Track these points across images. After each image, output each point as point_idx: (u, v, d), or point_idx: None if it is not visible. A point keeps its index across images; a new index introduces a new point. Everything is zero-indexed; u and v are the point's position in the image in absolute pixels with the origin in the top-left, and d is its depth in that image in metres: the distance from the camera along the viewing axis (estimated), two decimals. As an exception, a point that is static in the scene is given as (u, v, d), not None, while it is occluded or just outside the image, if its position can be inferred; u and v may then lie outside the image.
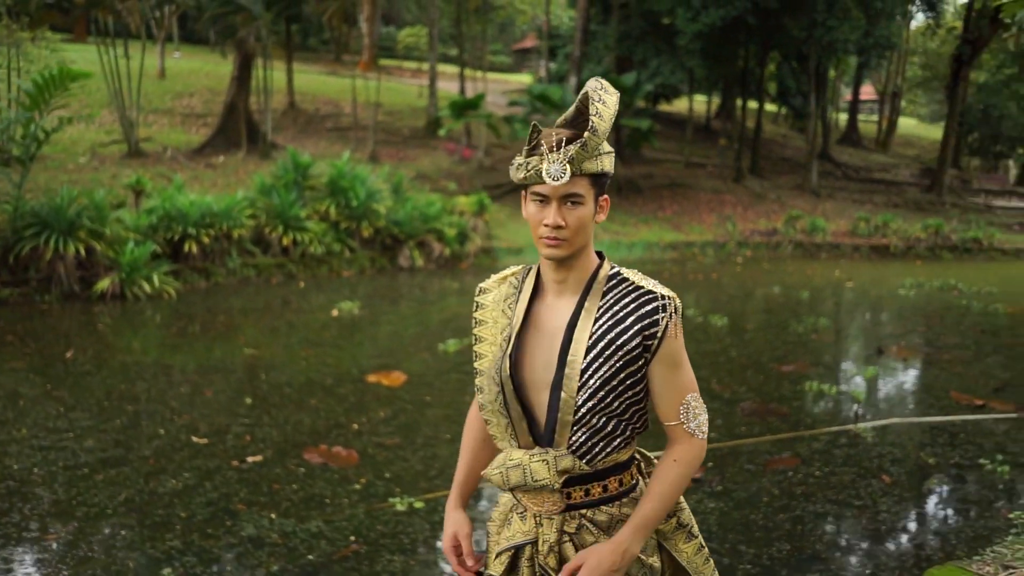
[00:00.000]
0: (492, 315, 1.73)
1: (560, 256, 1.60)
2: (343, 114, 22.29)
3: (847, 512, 4.51)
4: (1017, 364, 8.03)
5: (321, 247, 12.21)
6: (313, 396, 6.45)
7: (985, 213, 19.88)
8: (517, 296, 1.71)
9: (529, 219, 1.64)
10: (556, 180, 1.53)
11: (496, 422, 1.69)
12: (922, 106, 43.16)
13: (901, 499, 4.74)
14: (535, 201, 1.60)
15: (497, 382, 1.64)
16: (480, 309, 1.76)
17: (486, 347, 1.72)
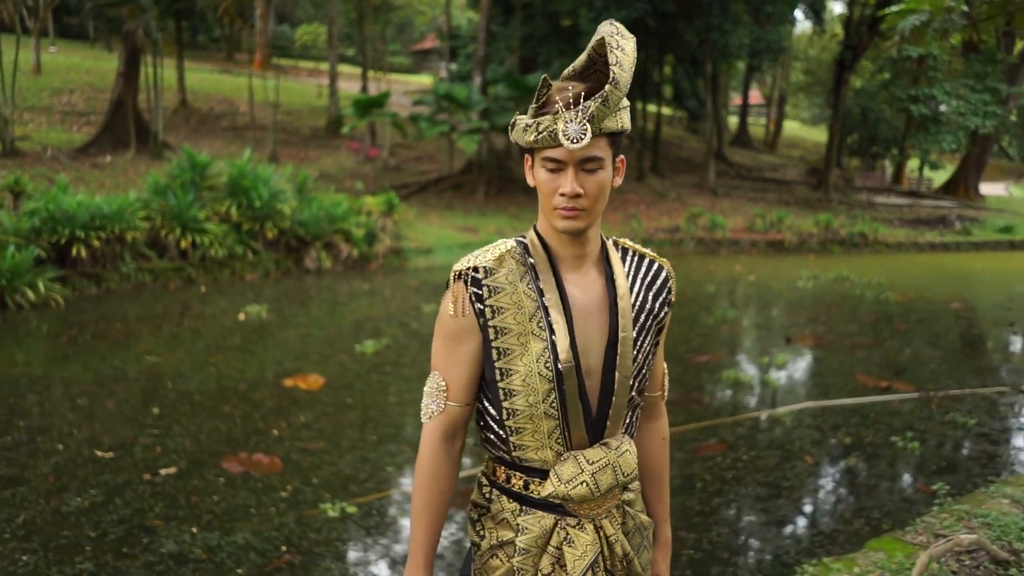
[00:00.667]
0: (513, 299, 1.44)
1: (579, 228, 1.42)
2: (239, 113, 21.49)
3: (777, 494, 4.61)
4: (914, 348, 8.48)
5: (222, 250, 11.67)
6: (226, 403, 6.12)
7: (868, 209, 21.04)
8: (533, 274, 1.47)
9: (540, 188, 1.43)
10: (575, 143, 1.34)
11: (534, 428, 1.45)
12: (804, 110, 45.38)
13: (825, 478, 4.89)
14: (547, 167, 1.40)
15: (550, 378, 1.42)
16: (495, 294, 1.44)
17: (513, 340, 1.44)
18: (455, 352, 1.47)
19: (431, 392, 1.51)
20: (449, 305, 1.47)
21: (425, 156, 21.58)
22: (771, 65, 29.13)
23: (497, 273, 1.46)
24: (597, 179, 1.41)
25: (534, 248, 1.50)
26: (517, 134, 1.44)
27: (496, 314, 1.45)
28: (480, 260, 1.47)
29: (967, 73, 21.67)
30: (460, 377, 1.48)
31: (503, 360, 1.45)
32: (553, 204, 1.42)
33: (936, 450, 5.33)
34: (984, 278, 14.28)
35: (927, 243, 17.90)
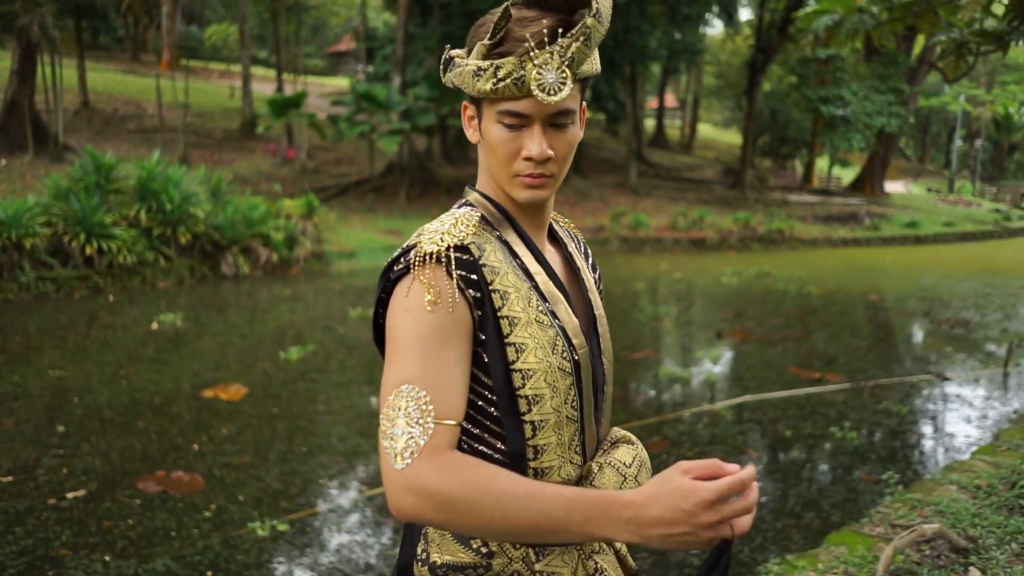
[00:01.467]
0: (512, 281, 1.14)
1: (545, 198, 1.17)
2: (147, 115, 20.51)
3: (725, 489, 4.53)
4: (839, 339, 8.64)
5: (132, 256, 11.01)
6: (141, 418, 5.68)
7: (783, 207, 21.64)
8: (508, 249, 1.19)
9: (494, 149, 1.14)
10: (552, 94, 1.07)
11: (559, 440, 1.16)
12: (716, 112, 46.59)
13: (770, 472, 4.84)
14: (505, 122, 1.12)
15: (569, 371, 1.15)
16: (496, 275, 1.12)
17: (523, 332, 1.12)
18: (442, 355, 1.07)
19: (408, 414, 1.04)
20: (424, 295, 1.08)
21: (345, 158, 21.08)
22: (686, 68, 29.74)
23: (486, 249, 1.14)
24: (568, 136, 1.14)
25: (495, 219, 1.21)
26: (462, 78, 1.13)
27: (505, 301, 1.12)
28: (457, 235, 1.13)
29: (872, 75, 22.58)
30: (452, 387, 1.07)
31: (521, 359, 1.12)
32: (513, 170, 1.14)
33: (873, 439, 5.38)
34: (895, 271, 14.81)
35: (840, 239, 18.50)
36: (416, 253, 1.11)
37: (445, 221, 1.17)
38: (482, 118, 1.17)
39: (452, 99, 18.04)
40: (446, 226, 1.15)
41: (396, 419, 1.03)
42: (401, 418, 1.03)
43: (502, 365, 1.11)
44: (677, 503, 0.93)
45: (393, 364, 1.08)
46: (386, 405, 1.05)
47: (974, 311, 10.32)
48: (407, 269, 1.11)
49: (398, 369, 1.07)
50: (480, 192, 1.24)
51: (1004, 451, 4.37)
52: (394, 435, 1.02)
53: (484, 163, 1.21)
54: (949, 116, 37.37)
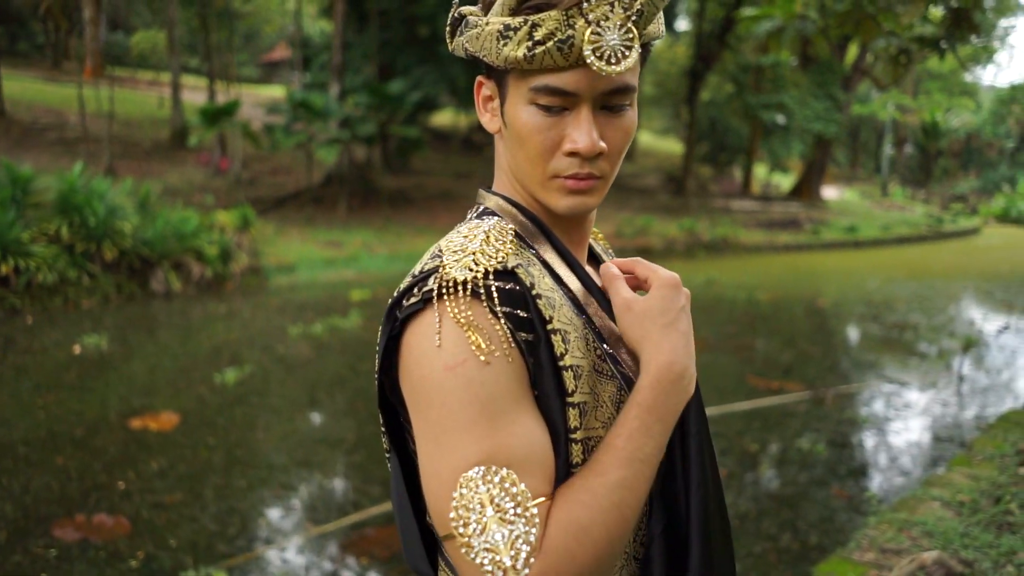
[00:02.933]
0: (569, 316, 0.87)
1: (591, 207, 0.90)
2: (69, 125, 19.54)
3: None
4: (793, 346, 8.56)
5: (52, 274, 10.31)
6: (59, 453, 5.17)
7: (726, 214, 21.81)
8: (547, 267, 0.91)
9: (526, 140, 0.86)
10: (614, 63, 0.80)
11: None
12: (656, 120, 47.13)
13: (741, 492, 4.63)
14: (542, 104, 0.84)
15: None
16: (554, 309, 0.85)
17: (587, 384, 0.86)
18: (514, 419, 0.80)
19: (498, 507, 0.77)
20: (468, 341, 0.79)
21: (281, 168, 20.45)
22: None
23: (534, 274, 0.86)
24: (625, 124, 0.88)
25: (526, 231, 0.92)
26: (481, 42, 0.85)
27: (567, 345, 0.84)
28: (494, 255, 0.84)
29: (810, 82, 22.99)
30: (539, 454, 0.81)
31: (585, 427, 0.85)
32: (551, 169, 0.87)
33: (841, 451, 5.22)
34: (838, 275, 14.97)
35: (783, 244, 18.69)
36: (441, 282, 0.81)
37: (472, 235, 0.87)
38: (506, 99, 0.87)
39: (392, 107, 17.65)
40: (475, 242, 0.86)
41: (484, 521, 0.76)
42: (491, 516, 0.76)
43: (563, 431, 0.84)
44: (675, 313, 0.88)
45: (446, 444, 0.80)
46: (454, 504, 0.78)
47: (920, 314, 10.41)
48: (425, 304, 0.82)
49: (457, 450, 0.79)
50: (503, 196, 0.94)
51: (980, 462, 4.25)
52: (492, 544, 0.76)
53: (507, 160, 0.92)
54: (877, 123, 38.50)
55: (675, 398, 0.85)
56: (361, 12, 20.97)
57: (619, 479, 0.80)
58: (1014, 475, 3.94)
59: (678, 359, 0.85)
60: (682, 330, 0.88)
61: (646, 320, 0.87)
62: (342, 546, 3.95)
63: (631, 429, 0.82)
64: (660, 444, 0.83)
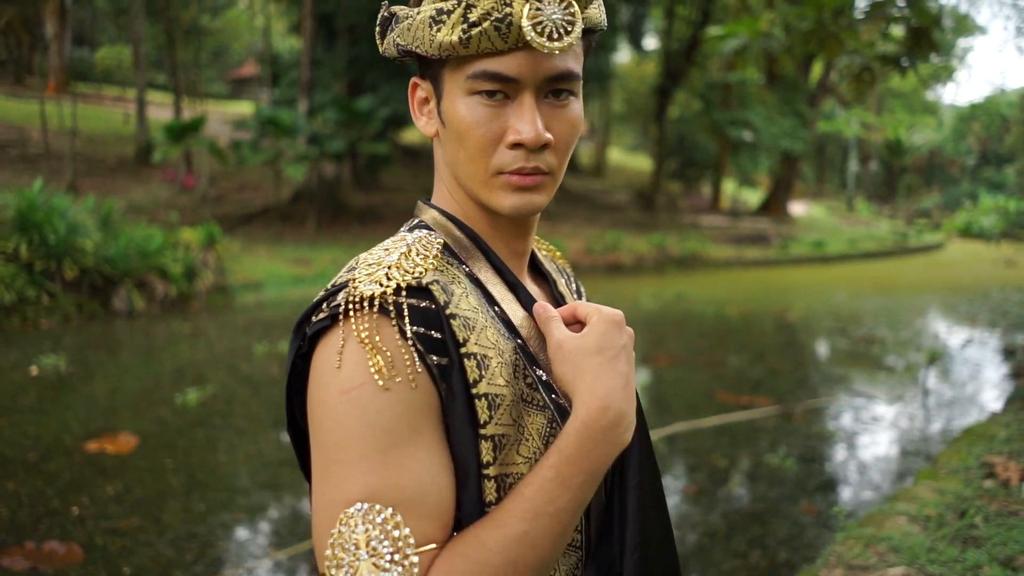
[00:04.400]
0: (491, 339, 0.79)
1: (539, 206, 0.82)
2: (31, 142, 19.20)
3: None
4: (762, 361, 8.58)
5: (10, 294, 10.07)
6: (11, 478, 4.99)
7: (695, 229, 21.98)
8: (480, 289, 0.84)
9: (465, 135, 0.79)
10: (558, 38, 0.74)
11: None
12: (626, 136, 47.53)
13: (711, 508, 4.59)
14: (482, 91, 0.78)
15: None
16: (472, 331, 0.78)
17: (507, 415, 0.78)
18: (412, 453, 0.73)
19: (374, 550, 0.70)
20: (368, 364, 0.73)
21: (248, 185, 20.25)
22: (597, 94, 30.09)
23: (454, 292, 0.79)
24: (571, 115, 0.82)
25: (460, 246, 0.86)
26: (413, 33, 0.80)
27: (484, 370, 0.77)
28: (411, 269, 0.77)
29: (776, 99, 23.33)
30: (433, 496, 0.74)
31: (500, 460, 0.78)
32: (495, 164, 0.80)
33: (810, 466, 5.22)
34: (806, 290, 15.12)
35: (751, 259, 18.85)
36: (349, 297, 0.75)
37: (393, 248, 0.81)
38: (443, 95, 0.81)
39: (361, 124, 17.57)
40: (393, 256, 0.79)
41: (356, 565, 0.69)
42: (364, 560, 0.69)
43: (474, 466, 0.76)
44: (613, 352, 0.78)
45: (333, 475, 0.72)
46: (331, 541, 0.70)
47: (886, 328, 10.52)
48: (333, 321, 0.75)
49: (342, 483, 0.72)
50: (438, 208, 0.88)
51: (945, 475, 4.25)
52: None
53: (447, 164, 0.86)
54: (843, 140, 39.16)
55: (605, 448, 0.76)
56: (330, 29, 20.91)
57: (519, 534, 0.72)
58: (979, 488, 3.95)
59: (613, 403, 0.76)
60: (621, 371, 0.78)
61: (580, 357, 0.78)
62: (307, 571, 3.84)
63: (544, 478, 0.74)
64: (579, 498, 0.75)
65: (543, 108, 0.80)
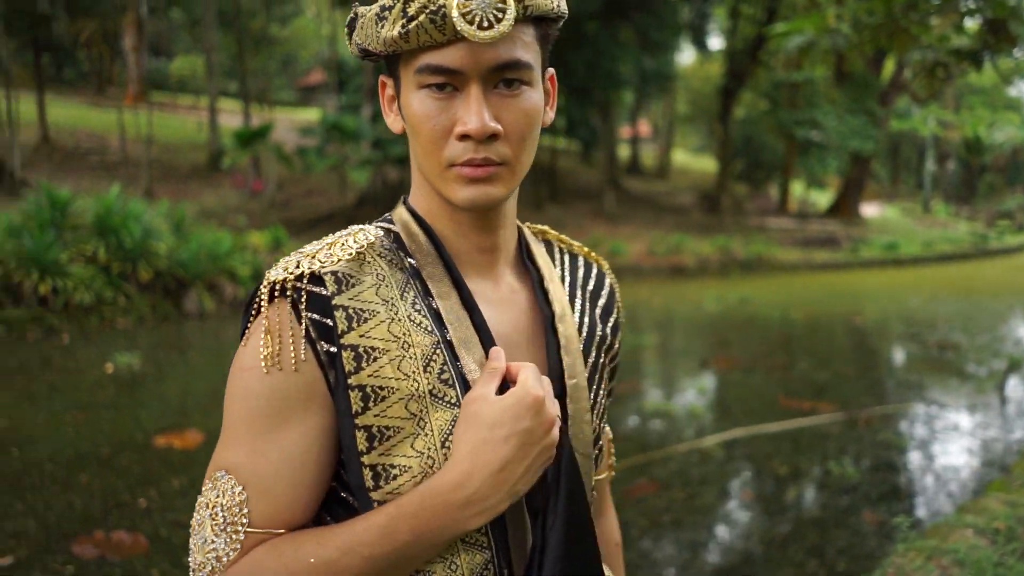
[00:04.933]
0: (393, 332, 0.80)
1: (494, 198, 0.81)
2: (110, 150, 20.05)
3: (722, 536, 4.17)
4: (827, 366, 8.35)
5: (89, 294, 10.52)
6: (84, 471, 5.22)
7: (761, 232, 21.55)
8: (419, 285, 0.85)
9: (418, 129, 0.81)
10: (486, 28, 0.74)
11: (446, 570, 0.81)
12: (691, 138, 46.93)
13: (769, 515, 4.49)
14: (429, 85, 0.79)
15: None
16: (361, 323, 0.79)
17: (398, 409, 0.79)
18: (277, 437, 0.78)
19: (215, 517, 0.78)
20: (260, 350, 0.79)
21: (315, 190, 20.71)
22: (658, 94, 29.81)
23: (360, 284, 0.81)
24: (522, 104, 0.80)
25: (412, 239, 0.87)
26: (364, 33, 0.82)
27: (365, 362, 0.78)
28: (325, 260, 0.81)
29: (845, 98, 22.70)
30: (286, 482, 0.79)
31: (380, 450, 0.79)
32: (447, 157, 0.80)
33: (874, 475, 5.05)
34: (877, 294, 14.65)
35: (820, 263, 18.38)
36: (264, 283, 0.81)
37: (326, 240, 0.84)
38: (400, 91, 0.83)
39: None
40: (320, 246, 0.83)
41: (203, 521, 0.80)
42: (208, 521, 0.79)
43: (353, 455, 0.79)
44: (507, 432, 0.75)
45: (221, 439, 0.82)
46: (200, 495, 0.82)
47: (962, 334, 10.11)
48: (249, 306, 0.84)
49: (222, 449, 0.81)
50: (407, 205, 0.90)
51: (1019, 487, 4.06)
52: (195, 543, 0.80)
53: (413, 159, 0.87)
54: (919, 139, 37.83)
55: (444, 522, 0.75)
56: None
57: (328, 560, 0.75)
58: (1055, 501, 3.76)
59: (473, 483, 0.75)
60: (504, 454, 0.75)
61: (472, 422, 0.77)
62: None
63: (374, 522, 0.76)
64: (403, 555, 0.75)
65: (493, 99, 0.79)
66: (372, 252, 0.84)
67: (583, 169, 30.42)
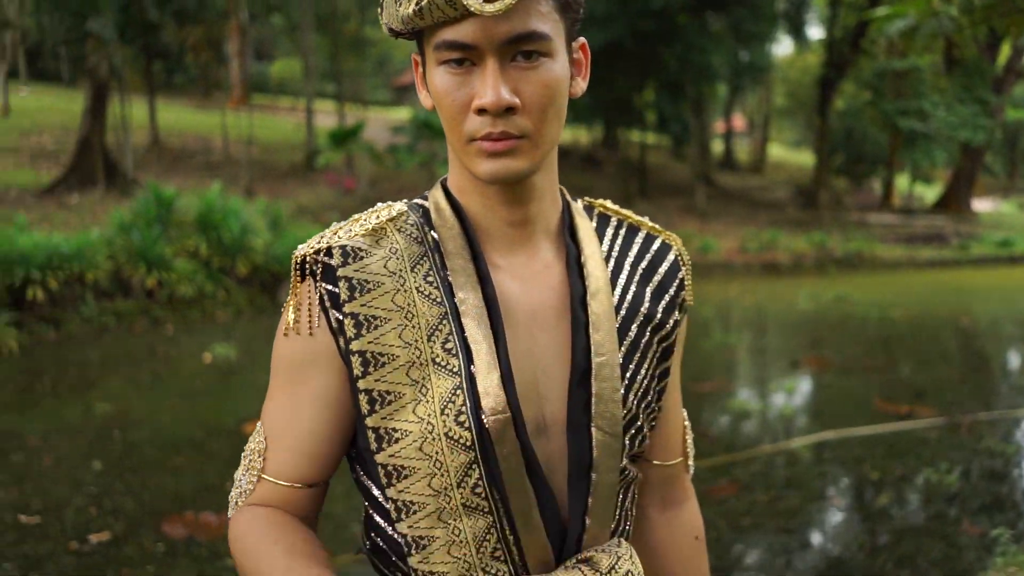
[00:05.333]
0: (399, 302, 0.84)
1: (516, 171, 0.81)
2: (214, 151, 20.99)
3: (805, 542, 4.01)
4: (929, 368, 7.92)
5: (191, 288, 11.04)
6: (179, 454, 5.47)
7: (861, 228, 20.64)
8: (435, 259, 0.87)
9: (441, 105, 0.82)
10: (492, 0, 0.74)
11: (450, 538, 0.83)
12: (787, 132, 45.45)
13: (857, 522, 4.28)
14: (447, 60, 0.80)
15: (468, 443, 0.80)
16: (363, 294, 0.84)
17: (399, 375, 0.82)
18: (293, 396, 0.88)
19: (248, 459, 0.93)
20: (288, 316, 0.88)
21: (407, 187, 21.10)
22: (754, 87, 28.99)
23: (368, 257, 0.85)
24: (541, 76, 0.80)
25: (439, 215, 0.90)
26: (388, 12, 0.83)
27: (365, 330, 0.83)
28: (345, 235, 0.87)
29: (954, 85, 21.46)
30: (294, 439, 0.88)
31: (381, 414, 0.83)
32: (467, 132, 0.81)
33: (976, 483, 4.75)
34: (988, 293, 13.81)
35: (925, 260, 17.46)
36: (294, 257, 0.90)
37: (355, 217, 0.91)
38: (426, 68, 0.85)
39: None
40: (347, 223, 0.91)
41: (242, 462, 0.96)
42: (243, 462, 0.95)
43: (360, 416, 0.86)
44: None
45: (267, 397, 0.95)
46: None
47: (1081, 336, 9.42)
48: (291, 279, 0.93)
49: (265, 401, 0.94)
50: (443, 184, 0.93)
51: None
52: (236, 477, 0.96)
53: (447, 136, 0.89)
54: (1038, 129, 35.45)
55: None
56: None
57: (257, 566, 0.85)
58: None
59: None
60: None
61: None
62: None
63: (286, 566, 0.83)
64: None
65: (511, 72, 0.79)
66: (392, 226, 0.89)
67: (674, 164, 29.91)
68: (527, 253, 0.90)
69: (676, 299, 0.97)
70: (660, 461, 1.02)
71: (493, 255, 0.89)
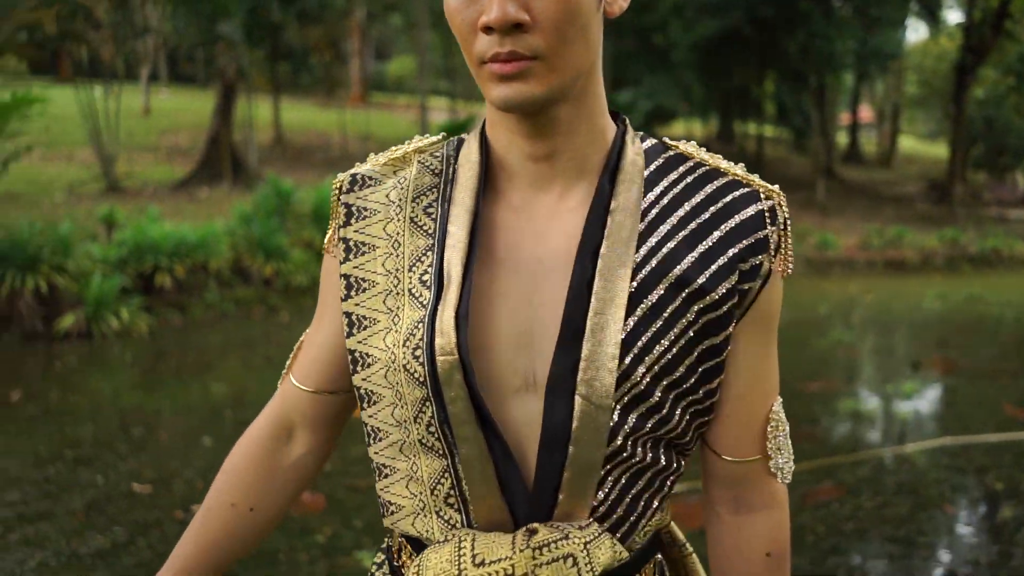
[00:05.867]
0: (387, 231, 0.84)
1: (529, 97, 0.74)
2: (332, 147, 21.80)
3: (910, 551, 3.73)
4: (1070, 374, 7.26)
5: (305, 277, 11.50)
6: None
7: (1000, 224, 19.19)
8: (444, 191, 0.84)
9: (452, 25, 0.76)
10: None
11: (409, 472, 0.83)
12: (920, 123, 42.84)
13: (972, 533, 3.95)
14: None
15: (421, 377, 0.76)
16: (360, 219, 0.85)
17: (377, 302, 0.82)
18: (322, 304, 0.95)
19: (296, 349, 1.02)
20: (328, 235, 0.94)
21: (516, 182, 21.29)
22: (882, 76, 27.46)
23: (377, 186, 0.87)
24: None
25: (468, 147, 0.86)
26: None
27: (353, 255, 0.85)
28: (367, 165, 0.91)
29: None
30: (318, 346, 0.95)
31: (358, 337, 0.84)
32: (477, 54, 0.74)
33: (1117, 499, 4.29)
34: None
35: (1071, 259, 16.05)
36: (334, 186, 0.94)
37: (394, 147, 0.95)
38: None
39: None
40: (385, 152, 0.94)
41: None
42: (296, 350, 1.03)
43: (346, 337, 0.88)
44: None
45: None
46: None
47: None
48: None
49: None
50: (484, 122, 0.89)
51: None
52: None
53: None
54: None
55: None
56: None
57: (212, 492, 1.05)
58: None
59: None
60: None
61: None
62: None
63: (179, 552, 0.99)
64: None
65: None
66: (416, 156, 0.89)
67: (794, 158, 28.74)
68: (555, 193, 0.82)
69: (738, 262, 0.79)
70: (730, 456, 0.88)
71: (513, 194, 0.83)
